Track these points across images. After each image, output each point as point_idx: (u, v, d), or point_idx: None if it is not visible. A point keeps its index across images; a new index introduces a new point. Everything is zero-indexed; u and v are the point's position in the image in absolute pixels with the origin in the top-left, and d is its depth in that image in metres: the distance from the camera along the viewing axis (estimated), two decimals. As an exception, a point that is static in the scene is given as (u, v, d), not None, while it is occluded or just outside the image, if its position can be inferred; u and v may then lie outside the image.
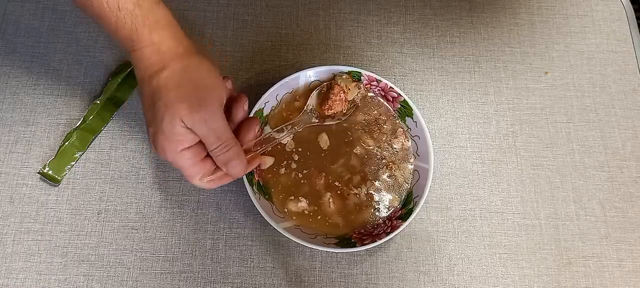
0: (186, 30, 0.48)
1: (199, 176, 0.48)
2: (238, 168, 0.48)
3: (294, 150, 0.58)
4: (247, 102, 0.52)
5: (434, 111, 0.64)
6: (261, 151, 0.54)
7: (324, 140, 0.59)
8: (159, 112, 0.44)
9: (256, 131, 0.52)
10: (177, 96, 0.44)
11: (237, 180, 0.57)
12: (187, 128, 0.44)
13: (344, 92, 0.59)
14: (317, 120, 0.59)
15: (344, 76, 0.59)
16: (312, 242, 0.53)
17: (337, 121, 0.59)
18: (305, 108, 0.59)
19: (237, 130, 0.52)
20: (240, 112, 0.52)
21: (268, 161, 0.57)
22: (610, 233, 0.59)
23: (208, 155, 0.48)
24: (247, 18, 0.68)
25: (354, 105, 0.60)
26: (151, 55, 0.45)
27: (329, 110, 0.59)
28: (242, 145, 0.50)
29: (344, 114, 0.60)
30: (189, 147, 0.46)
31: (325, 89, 0.60)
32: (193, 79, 0.45)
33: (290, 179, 0.57)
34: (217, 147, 0.46)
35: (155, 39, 0.45)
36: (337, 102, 0.59)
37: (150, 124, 0.46)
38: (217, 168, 0.49)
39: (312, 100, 0.60)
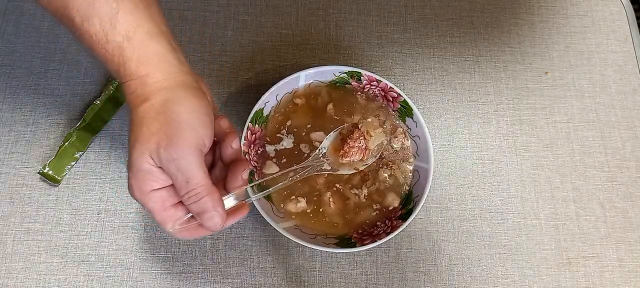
0: (188, 65, 0.45)
1: (171, 223, 0.42)
2: (212, 221, 0.41)
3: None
4: (237, 140, 0.45)
5: (434, 111, 0.64)
6: (252, 199, 0.46)
7: (317, 136, 0.58)
8: (130, 146, 0.40)
9: (245, 177, 0.44)
10: (149, 130, 0.39)
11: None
12: (158, 167, 0.40)
13: (365, 138, 0.52)
14: (329, 168, 0.53)
15: (369, 119, 0.53)
16: (312, 242, 0.53)
17: (353, 171, 0.53)
18: (317, 151, 0.52)
19: (224, 174, 0.45)
20: (227, 150, 0.44)
21: (273, 169, 0.57)
22: (610, 233, 0.59)
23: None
24: (247, 18, 0.68)
25: (378, 152, 0.53)
26: (137, 88, 0.41)
27: (345, 158, 0.53)
28: (228, 191, 0.44)
29: (363, 163, 0.53)
30: (158, 189, 0.41)
31: (345, 131, 0.54)
32: (170, 113, 0.40)
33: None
34: (187, 193, 0.40)
35: (143, 72, 0.41)
36: (355, 150, 0.52)
37: (129, 144, 0.42)
38: (193, 217, 0.42)
39: (326, 142, 0.53)
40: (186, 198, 0.40)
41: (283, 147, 0.58)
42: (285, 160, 0.57)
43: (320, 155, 0.53)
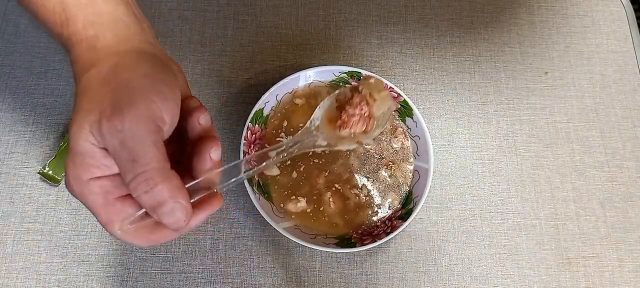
0: (156, 34, 0.39)
1: (118, 223, 0.32)
2: (173, 217, 0.31)
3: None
4: (207, 116, 0.35)
5: (434, 111, 0.64)
6: (226, 186, 0.36)
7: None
8: (69, 125, 0.32)
9: (216, 157, 0.34)
10: (91, 100, 0.31)
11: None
12: (101, 148, 0.31)
13: (368, 103, 0.41)
14: (324, 142, 0.41)
15: (372, 80, 0.42)
16: (312, 242, 0.53)
17: (354, 146, 0.42)
18: (308, 124, 0.42)
19: (190, 155, 0.35)
20: (194, 126, 0.35)
21: (274, 171, 0.57)
22: (610, 233, 0.59)
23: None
24: (247, 18, 0.68)
25: (385, 121, 0.42)
26: (84, 52, 0.33)
27: (343, 129, 0.41)
28: (196, 176, 0.34)
29: (366, 135, 0.41)
30: (100, 177, 0.31)
31: (342, 97, 0.42)
32: (120, 78, 0.32)
33: (290, 179, 0.57)
34: (134, 178, 0.30)
35: (90, 33, 0.33)
36: (356, 119, 0.40)
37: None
38: (147, 214, 0.32)
39: (319, 112, 0.42)
40: (134, 186, 0.30)
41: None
42: (289, 162, 0.57)
43: (313, 128, 0.41)
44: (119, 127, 0.30)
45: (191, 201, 0.32)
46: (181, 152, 0.36)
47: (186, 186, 0.32)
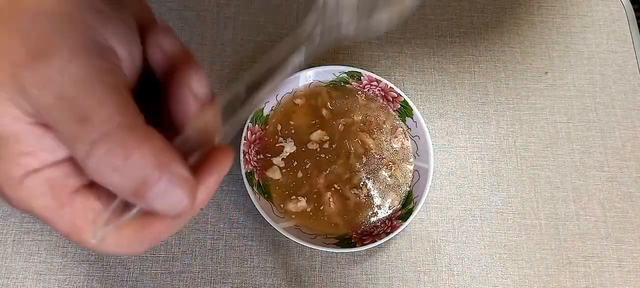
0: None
1: (87, 228, 0.22)
2: (168, 197, 0.20)
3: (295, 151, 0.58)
4: (169, 35, 0.23)
5: (434, 111, 0.64)
6: (230, 130, 0.24)
7: (318, 136, 0.58)
8: None
9: (200, 90, 0.23)
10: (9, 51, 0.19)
11: (237, 180, 0.58)
12: (29, 123, 0.20)
13: None
14: (352, 31, 0.27)
15: None
16: (312, 242, 0.53)
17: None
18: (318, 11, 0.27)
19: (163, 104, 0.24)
20: (156, 57, 0.23)
21: (276, 175, 0.57)
22: (610, 233, 0.59)
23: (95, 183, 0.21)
24: (247, 18, 0.68)
25: None
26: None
27: None
28: (179, 128, 0.23)
29: None
30: (39, 169, 0.20)
31: None
32: (29, 12, 0.19)
33: (291, 179, 0.57)
34: (91, 147, 0.19)
35: None
36: None
37: None
38: (127, 204, 0.21)
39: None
40: (93, 164, 0.19)
41: (288, 154, 0.58)
42: (295, 163, 0.57)
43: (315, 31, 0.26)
44: (47, 73, 0.19)
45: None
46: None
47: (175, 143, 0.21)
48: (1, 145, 0.20)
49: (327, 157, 0.58)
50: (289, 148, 0.58)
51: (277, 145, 0.58)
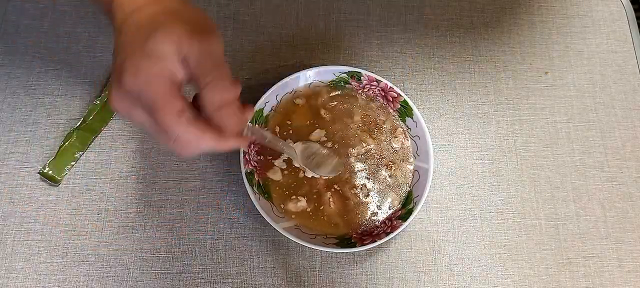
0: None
1: (177, 110, 0.35)
2: (232, 117, 0.39)
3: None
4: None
5: (434, 111, 0.64)
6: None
7: (317, 136, 0.58)
8: (140, 35, 0.35)
9: (237, 88, 0.40)
10: (172, 20, 0.36)
11: (237, 180, 0.58)
12: (179, 57, 0.36)
13: None
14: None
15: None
16: (312, 242, 0.53)
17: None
18: (285, 145, 0.53)
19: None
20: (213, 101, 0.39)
21: (277, 176, 0.57)
22: (610, 233, 0.59)
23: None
24: (247, 18, 0.68)
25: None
26: (125, 3, 0.38)
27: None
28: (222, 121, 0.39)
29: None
30: (169, 72, 0.36)
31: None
32: (190, 13, 0.38)
33: (291, 179, 0.57)
34: (213, 76, 0.37)
35: None
36: None
37: (118, 57, 0.36)
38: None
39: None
40: (212, 82, 0.37)
41: (287, 155, 0.58)
42: (296, 163, 0.57)
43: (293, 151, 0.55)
44: (209, 48, 0.37)
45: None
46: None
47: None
48: (153, 56, 0.34)
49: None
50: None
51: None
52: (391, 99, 0.60)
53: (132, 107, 0.36)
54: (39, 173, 0.57)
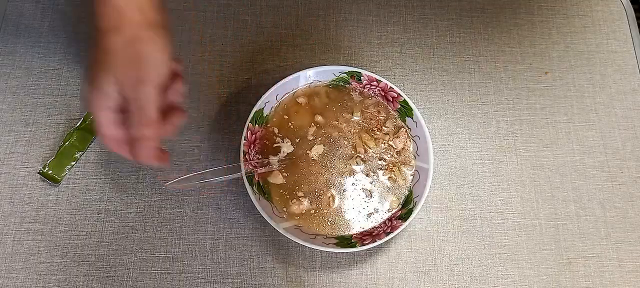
0: (163, 4, 0.48)
1: (115, 137, 0.46)
2: (145, 151, 0.45)
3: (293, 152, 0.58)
4: (180, 88, 0.48)
5: (434, 111, 0.64)
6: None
7: (317, 151, 0.58)
8: (97, 69, 0.45)
9: (176, 124, 0.48)
10: (116, 60, 0.44)
11: (237, 180, 0.58)
12: (117, 91, 0.44)
13: None
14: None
15: None
16: (312, 242, 0.53)
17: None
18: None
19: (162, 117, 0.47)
20: (171, 93, 0.47)
21: (278, 179, 0.57)
22: (610, 233, 0.59)
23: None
24: (247, 18, 0.68)
25: None
26: (111, 13, 0.45)
27: None
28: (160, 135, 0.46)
29: None
30: (111, 107, 0.45)
31: None
32: (138, 50, 0.44)
33: (291, 179, 0.57)
34: (139, 119, 0.44)
35: (122, 3, 0.45)
36: None
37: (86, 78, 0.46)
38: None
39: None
40: (135, 121, 0.44)
41: (285, 154, 0.58)
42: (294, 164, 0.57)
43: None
44: (139, 85, 0.43)
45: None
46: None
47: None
48: (100, 92, 0.45)
49: (320, 162, 0.58)
50: (286, 148, 0.58)
51: (274, 145, 0.58)
52: (391, 99, 0.60)
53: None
54: (39, 173, 0.57)
